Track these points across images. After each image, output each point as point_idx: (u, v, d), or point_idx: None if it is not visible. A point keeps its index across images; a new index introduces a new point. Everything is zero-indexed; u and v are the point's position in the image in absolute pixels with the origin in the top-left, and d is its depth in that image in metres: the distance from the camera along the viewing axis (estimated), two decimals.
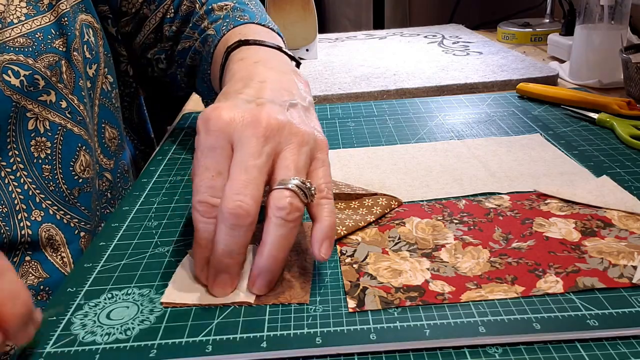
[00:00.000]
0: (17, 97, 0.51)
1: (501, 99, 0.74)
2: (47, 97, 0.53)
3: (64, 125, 0.54)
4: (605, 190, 0.47)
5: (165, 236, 0.45)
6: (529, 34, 1.08)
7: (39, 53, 0.52)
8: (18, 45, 0.51)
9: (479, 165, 0.54)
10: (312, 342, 0.33)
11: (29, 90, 0.51)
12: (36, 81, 0.52)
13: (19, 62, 0.51)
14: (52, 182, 0.53)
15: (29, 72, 0.51)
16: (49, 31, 0.54)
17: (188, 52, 0.67)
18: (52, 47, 0.54)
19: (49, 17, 0.54)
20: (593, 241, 0.41)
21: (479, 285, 0.37)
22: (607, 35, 0.77)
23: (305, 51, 1.04)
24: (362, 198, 0.48)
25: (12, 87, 0.50)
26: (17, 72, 0.50)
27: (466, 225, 0.44)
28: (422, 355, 0.32)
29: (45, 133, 0.53)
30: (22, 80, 0.51)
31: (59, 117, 0.54)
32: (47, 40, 0.53)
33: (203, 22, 0.65)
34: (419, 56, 1.00)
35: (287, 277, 0.38)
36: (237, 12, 0.63)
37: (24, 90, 0.51)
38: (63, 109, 0.55)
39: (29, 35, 0.52)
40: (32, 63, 0.52)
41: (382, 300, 0.36)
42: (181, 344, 0.33)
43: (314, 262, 0.40)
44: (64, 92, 0.55)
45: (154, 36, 0.69)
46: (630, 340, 0.32)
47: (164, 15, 0.68)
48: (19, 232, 0.49)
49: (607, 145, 0.57)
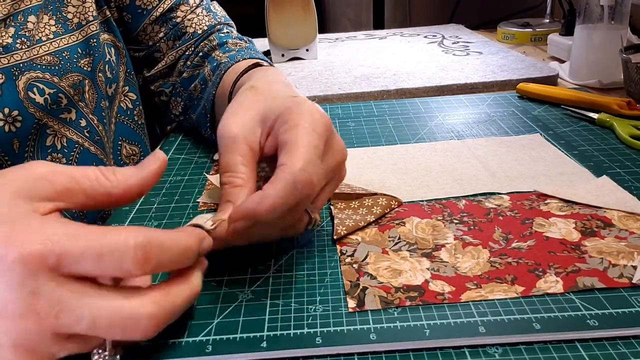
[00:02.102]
0: (40, 115, 0.52)
1: (501, 99, 0.74)
2: (68, 114, 0.54)
3: (81, 144, 0.55)
4: (605, 190, 0.47)
5: None
6: (529, 34, 1.08)
7: (64, 72, 0.53)
8: (45, 63, 0.52)
9: (479, 165, 0.54)
10: (312, 342, 0.33)
11: (52, 108, 0.52)
12: (59, 99, 0.53)
13: (45, 80, 0.52)
14: None
15: (54, 90, 0.52)
16: (76, 50, 0.55)
17: (194, 80, 0.66)
18: (77, 67, 0.54)
19: (76, 36, 0.55)
20: (593, 241, 0.41)
21: (479, 285, 0.37)
22: (607, 35, 0.77)
23: (305, 51, 1.04)
24: (362, 198, 0.48)
25: (36, 105, 0.51)
26: (42, 89, 0.51)
27: (466, 225, 0.44)
28: (422, 355, 0.32)
29: (62, 149, 0.54)
30: (47, 98, 0.52)
31: (77, 135, 0.55)
32: (73, 60, 0.54)
33: (215, 51, 0.66)
34: (419, 56, 1.00)
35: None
36: (250, 51, 0.64)
37: (47, 108, 0.52)
38: (82, 128, 0.55)
39: (56, 53, 0.53)
40: (57, 81, 0.52)
41: (382, 300, 0.36)
42: (181, 344, 0.33)
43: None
44: (85, 112, 0.55)
45: (167, 70, 0.68)
46: (630, 340, 0.32)
47: (184, 52, 0.68)
48: None
49: (607, 145, 0.57)
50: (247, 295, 0.38)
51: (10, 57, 0.50)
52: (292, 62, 1.03)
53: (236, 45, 0.66)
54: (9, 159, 0.51)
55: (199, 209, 0.50)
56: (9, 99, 0.50)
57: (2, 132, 0.50)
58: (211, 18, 0.69)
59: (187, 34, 0.67)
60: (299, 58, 1.05)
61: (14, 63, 0.50)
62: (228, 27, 0.71)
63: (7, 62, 0.50)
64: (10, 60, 0.50)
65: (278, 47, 1.03)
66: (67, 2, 0.56)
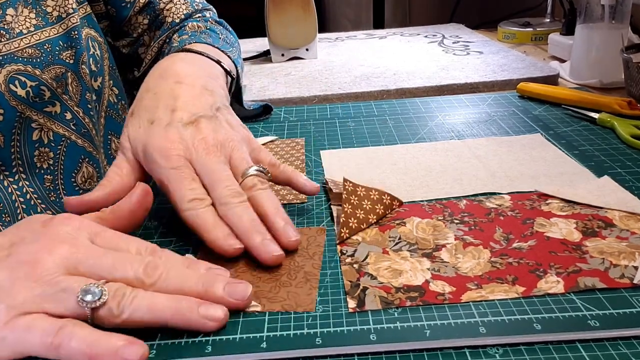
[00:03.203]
0: (22, 108, 0.51)
1: (502, 99, 0.74)
2: (53, 108, 0.54)
3: (68, 137, 0.55)
4: (606, 190, 0.47)
5: (165, 236, 0.45)
6: (530, 34, 1.08)
7: (46, 64, 0.53)
8: (27, 55, 0.52)
9: (480, 165, 0.54)
10: (312, 342, 0.33)
11: (34, 101, 0.52)
12: (42, 92, 0.52)
13: (27, 72, 0.51)
14: (53, 192, 0.53)
15: (36, 83, 0.52)
16: (57, 43, 0.54)
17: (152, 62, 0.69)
18: (60, 59, 0.54)
19: (57, 29, 0.55)
20: (594, 241, 0.41)
21: (480, 285, 0.37)
22: (607, 34, 0.77)
23: (305, 51, 1.04)
24: (370, 190, 0.47)
25: (17, 98, 0.50)
26: (24, 82, 0.51)
27: (467, 225, 0.44)
28: (423, 355, 0.32)
29: (49, 144, 0.53)
30: (29, 91, 0.51)
31: (63, 129, 0.55)
32: (55, 52, 0.54)
33: (174, 35, 0.68)
34: (419, 56, 1.00)
35: (292, 284, 0.38)
36: (204, 35, 0.66)
37: (30, 100, 0.51)
38: (67, 121, 0.55)
39: (37, 46, 0.52)
40: (39, 74, 0.52)
41: (383, 301, 0.36)
42: (181, 344, 0.33)
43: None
44: (70, 104, 0.55)
45: (152, 65, 0.71)
46: (631, 340, 0.32)
47: (164, 42, 0.69)
48: None
49: (607, 145, 0.57)
50: None
51: None
52: (292, 62, 1.03)
53: (195, 28, 0.68)
54: None
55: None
56: None
57: None
58: (189, 6, 0.71)
59: (165, 24, 0.69)
60: (299, 58, 1.05)
61: None
62: (205, 12, 0.73)
63: None
64: None
65: (278, 47, 1.03)
66: None
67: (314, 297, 0.37)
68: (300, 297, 0.37)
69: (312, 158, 0.59)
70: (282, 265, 0.40)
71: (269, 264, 0.39)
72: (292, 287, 0.38)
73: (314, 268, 0.40)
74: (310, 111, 0.74)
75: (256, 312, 0.36)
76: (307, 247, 0.42)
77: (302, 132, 0.66)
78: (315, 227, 0.45)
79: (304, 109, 0.75)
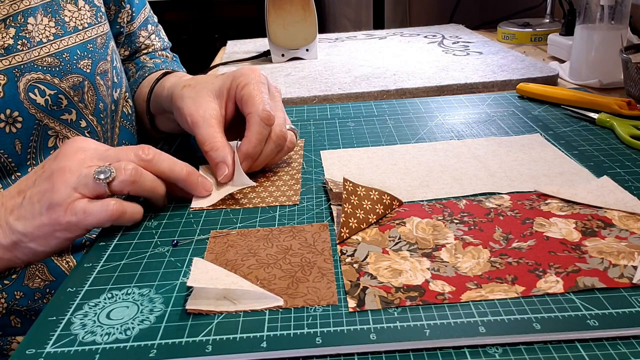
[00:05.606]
0: (41, 116, 0.52)
1: (501, 99, 0.74)
2: (69, 116, 0.55)
3: None
4: (606, 190, 0.47)
5: (165, 236, 0.45)
6: (529, 34, 1.08)
7: (64, 73, 0.54)
8: (46, 64, 0.53)
9: (479, 165, 0.54)
10: (312, 342, 0.33)
11: (52, 108, 0.53)
12: (60, 100, 0.54)
13: (46, 81, 0.52)
14: None
15: (54, 91, 0.53)
16: (75, 52, 0.56)
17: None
18: (78, 68, 0.56)
19: (75, 38, 0.56)
20: (593, 241, 0.41)
21: (479, 285, 0.37)
22: (607, 35, 0.77)
23: (305, 51, 1.04)
24: (370, 189, 0.47)
25: (36, 106, 0.52)
26: (43, 90, 0.52)
27: (466, 225, 0.44)
28: (422, 355, 0.32)
29: None
30: (47, 99, 0.52)
31: (78, 136, 0.56)
32: (73, 61, 0.55)
33: (142, 55, 0.75)
34: (419, 56, 1.00)
35: (309, 279, 0.38)
36: (174, 64, 0.75)
37: (48, 109, 0.53)
38: (82, 128, 0.56)
39: (56, 55, 0.54)
40: (58, 82, 0.53)
41: (382, 300, 0.36)
42: (181, 344, 0.33)
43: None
44: (85, 112, 0.56)
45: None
46: (631, 340, 0.32)
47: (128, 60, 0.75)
48: None
49: (607, 145, 0.57)
50: None
51: (12, 58, 0.50)
52: (292, 62, 1.03)
53: (163, 56, 0.77)
54: (12, 160, 0.51)
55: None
56: (10, 100, 0.50)
57: (3, 133, 0.50)
58: (161, 45, 0.78)
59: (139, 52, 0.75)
60: (299, 58, 1.05)
61: (15, 64, 0.51)
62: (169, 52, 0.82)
63: (8, 63, 0.50)
64: (11, 62, 0.50)
65: (278, 47, 1.03)
66: (64, 6, 0.57)
67: (334, 290, 0.37)
68: (321, 291, 0.37)
69: (312, 158, 0.59)
70: (292, 261, 0.40)
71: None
72: (310, 283, 0.38)
73: (326, 263, 0.40)
74: (310, 111, 0.74)
75: (280, 309, 0.36)
76: (314, 243, 0.43)
77: (302, 132, 0.66)
78: (317, 223, 0.45)
79: (304, 109, 0.75)
